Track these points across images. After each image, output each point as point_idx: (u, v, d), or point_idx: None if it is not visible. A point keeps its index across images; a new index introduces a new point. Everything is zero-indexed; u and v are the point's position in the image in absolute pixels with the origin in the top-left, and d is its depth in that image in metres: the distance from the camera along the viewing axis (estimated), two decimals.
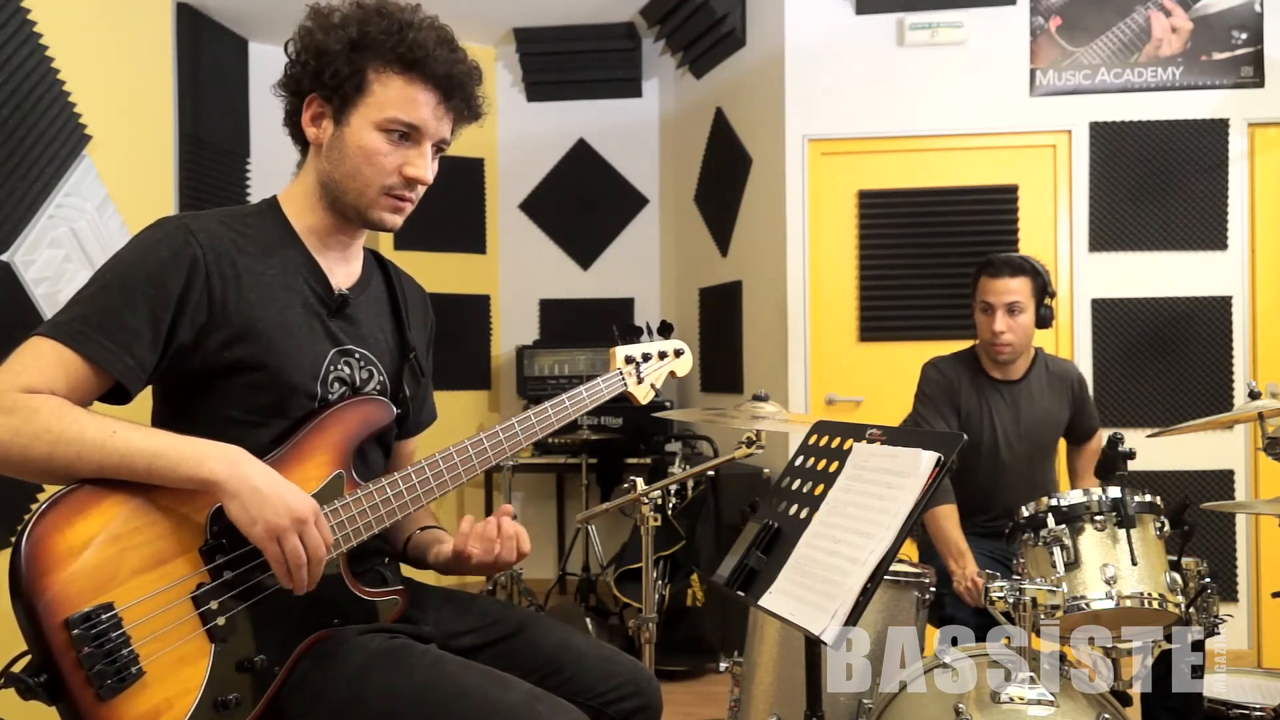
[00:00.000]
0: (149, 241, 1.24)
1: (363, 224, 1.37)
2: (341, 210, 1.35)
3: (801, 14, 3.75)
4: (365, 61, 1.30)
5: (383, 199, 1.33)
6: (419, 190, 1.36)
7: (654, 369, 1.73)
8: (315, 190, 1.37)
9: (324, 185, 1.35)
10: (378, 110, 1.30)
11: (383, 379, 1.42)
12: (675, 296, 4.77)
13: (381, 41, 1.29)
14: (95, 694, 1.06)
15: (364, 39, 1.29)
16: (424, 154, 1.34)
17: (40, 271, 2.75)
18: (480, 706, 1.18)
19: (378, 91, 1.30)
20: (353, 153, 1.31)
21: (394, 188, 1.33)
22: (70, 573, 1.07)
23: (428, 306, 1.60)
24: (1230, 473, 3.59)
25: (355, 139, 1.31)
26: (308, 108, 1.34)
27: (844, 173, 3.76)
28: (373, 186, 1.32)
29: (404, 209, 1.36)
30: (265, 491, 1.15)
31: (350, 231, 1.40)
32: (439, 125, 1.34)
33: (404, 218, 1.37)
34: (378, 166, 1.31)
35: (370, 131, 1.30)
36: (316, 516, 1.19)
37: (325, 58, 1.30)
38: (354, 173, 1.32)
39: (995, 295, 2.55)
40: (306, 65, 1.32)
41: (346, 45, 1.29)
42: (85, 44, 2.98)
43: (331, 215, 1.37)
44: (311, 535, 1.17)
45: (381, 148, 1.31)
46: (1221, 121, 3.59)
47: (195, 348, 1.24)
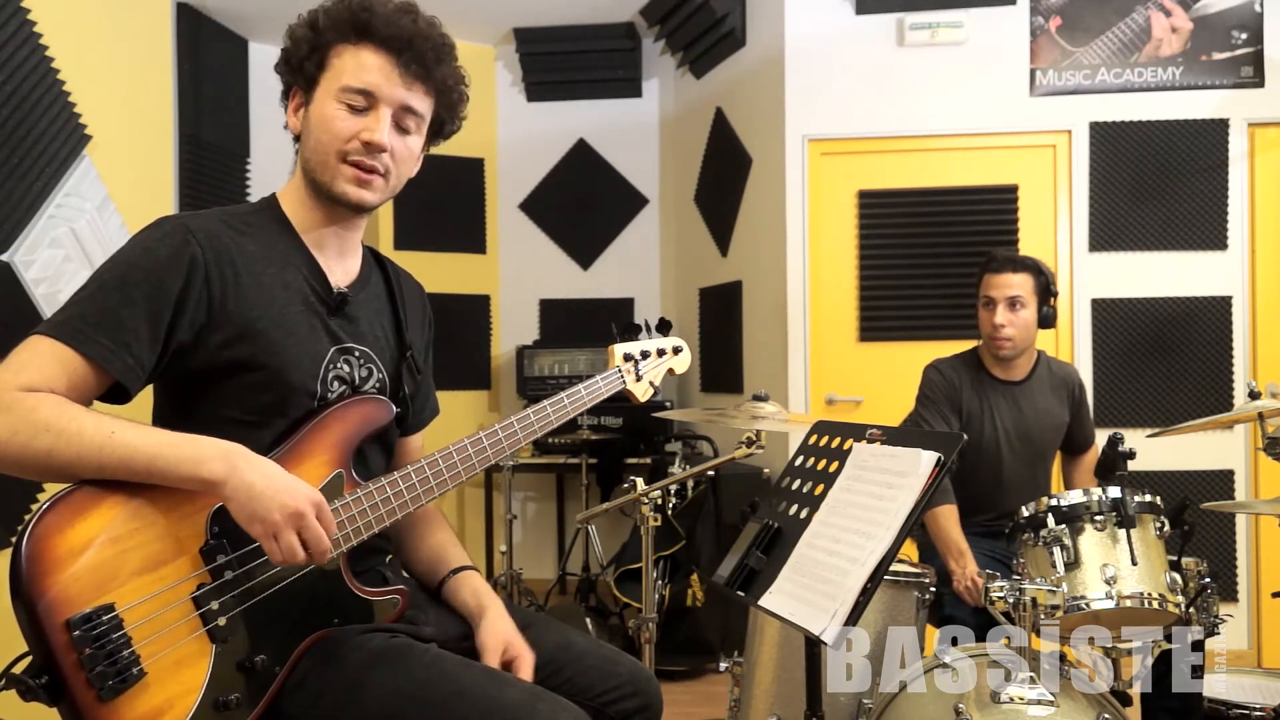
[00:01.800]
0: (148, 241, 1.24)
1: (332, 200, 1.34)
2: (316, 191, 1.35)
3: (801, 14, 3.75)
4: (324, 39, 1.32)
5: (342, 168, 1.32)
6: (386, 161, 1.33)
7: (653, 366, 1.73)
8: (302, 181, 1.37)
9: (304, 172, 1.36)
10: (334, 81, 1.32)
11: (382, 376, 1.42)
12: (675, 296, 4.77)
13: (337, 16, 1.31)
14: (96, 695, 1.06)
15: (325, 18, 1.32)
16: (380, 118, 1.32)
17: (40, 271, 2.75)
18: (480, 705, 1.18)
19: (334, 64, 1.32)
20: (314, 126, 1.32)
21: (351, 153, 1.31)
22: (71, 573, 1.07)
23: (425, 303, 1.60)
24: (1230, 473, 3.59)
25: (318, 113, 1.32)
26: (291, 100, 1.37)
27: (844, 173, 3.77)
28: (331, 154, 1.31)
29: (370, 181, 1.33)
30: (261, 489, 1.14)
31: (341, 222, 1.39)
32: (394, 89, 1.32)
33: (374, 192, 1.34)
34: (334, 132, 1.31)
35: (329, 103, 1.31)
36: (319, 508, 1.17)
37: (295, 45, 1.34)
38: (316, 145, 1.32)
39: (996, 290, 2.57)
40: (287, 60, 1.35)
41: (308, 27, 1.33)
42: (85, 44, 2.98)
43: (317, 203, 1.37)
44: (311, 529, 1.16)
45: (337, 114, 1.31)
46: (1221, 121, 3.59)
47: (195, 347, 1.24)
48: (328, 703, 1.22)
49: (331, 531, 1.19)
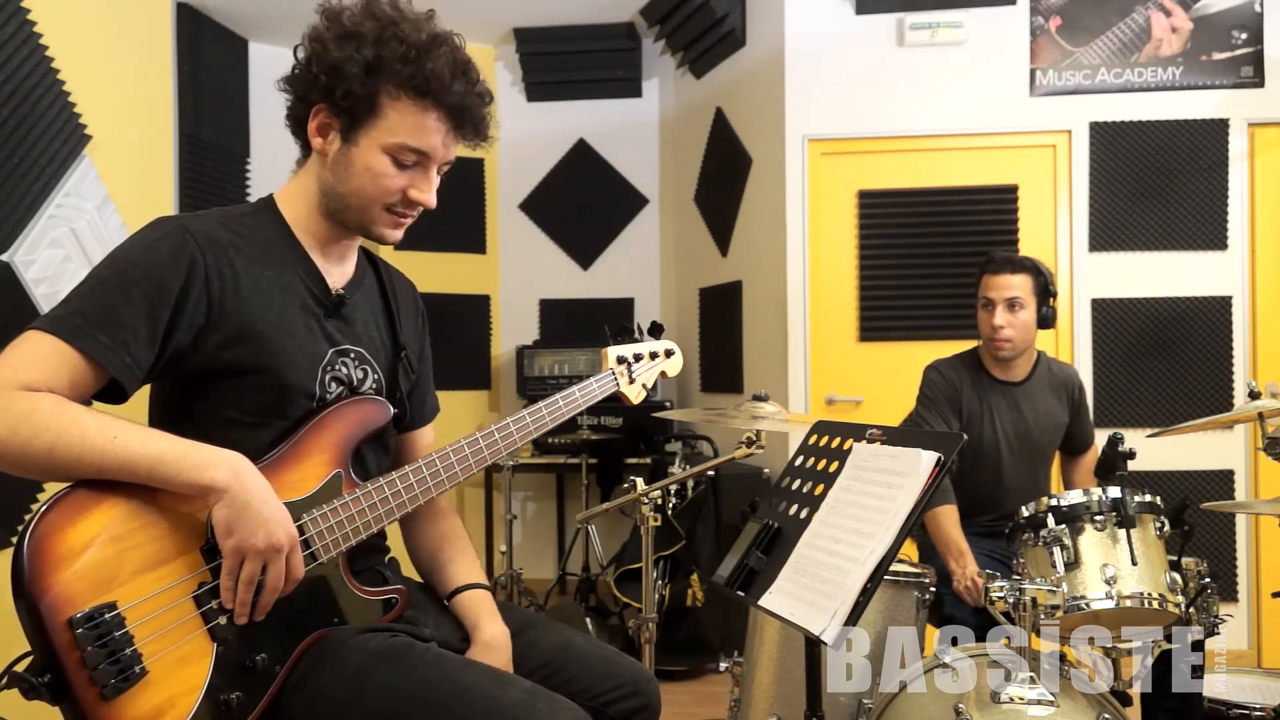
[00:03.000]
0: (148, 240, 1.24)
1: (363, 235, 1.39)
2: (342, 221, 1.36)
3: (801, 14, 3.75)
4: (379, 85, 1.27)
5: (384, 215, 1.34)
6: (419, 209, 1.37)
7: (645, 369, 1.74)
8: (315, 196, 1.37)
9: (325, 194, 1.35)
10: (387, 134, 1.29)
11: (378, 377, 1.43)
12: (675, 296, 4.77)
13: (398, 70, 1.27)
14: (99, 693, 1.06)
15: (380, 63, 1.26)
16: (430, 178, 1.34)
17: (40, 271, 2.76)
18: (480, 705, 1.18)
19: (390, 116, 1.29)
20: (359, 172, 1.31)
21: (395, 205, 1.34)
22: (73, 572, 1.07)
23: (418, 301, 1.60)
24: (1230, 473, 3.59)
25: (363, 159, 1.30)
26: (314, 116, 1.32)
27: (844, 173, 3.77)
28: (376, 205, 1.33)
29: (404, 224, 1.37)
30: (256, 509, 1.16)
31: (349, 237, 1.41)
32: (447, 152, 1.35)
33: (403, 231, 1.39)
34: (383, 188, 1.31)
35: (378, 154, 1.30)
36: (292, 547, 1.20)
37: (338, 75, 1.27)
38: (358, 191, 1.32)
39: (995, 290, 2.57)
40: (318, 79, 1.29)
41: (362, 68, 1.26)
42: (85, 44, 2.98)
43: (331, 223, 1.37)
44: (276, 568, 1.18)
45: (389, 170, 1.30)
46: (1221, 121, 3.59)
47: (193, 349, 1.24)
48: (328, 702, 1.22)
49: (295, 576, 1.21)
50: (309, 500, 1.27)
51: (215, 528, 1.15)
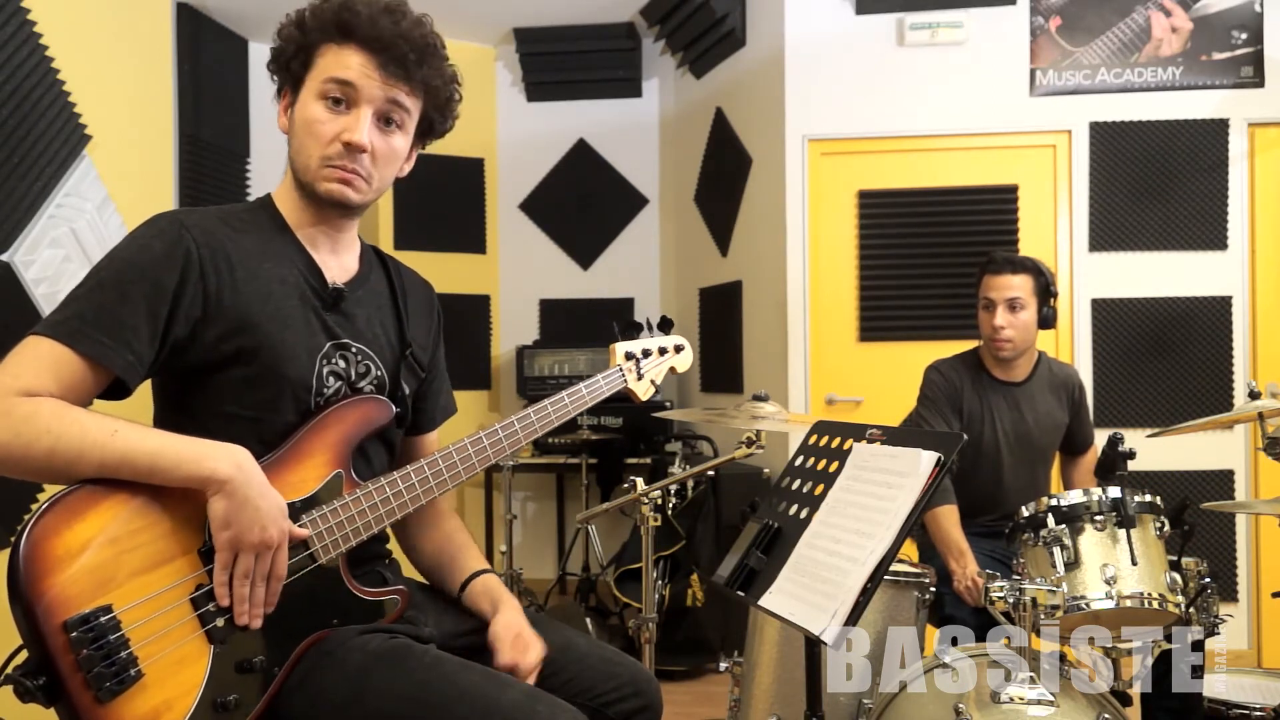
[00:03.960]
0: (143, 237, 1.24)
1: (318, 200, 1.34)
2: (302, 189, 1.35)
3: (801, 14, 3.75)
4: (311, 39, 1.32)
5: (325, 169, 1.32)
6: (366, 164, 1.33)
7: (654, 365, 1.72)
8: (290, 179, 1.38)
9: (292, 170, 1.36)
10: (317, 78, 1.32)
11: (380, 374, 1.42)
12: (675, 296, 4.77)
13: (323, 15, 1.32)
14: (94, 696, 1.05)
15: (308, 18, 1.33)
16: (359, 117, 1.31)
17: (40, 271, 2.75)
18: (479, 706, 1.18)
19: (319, 63, 1.32)
20: (300, 128, 1.33)
21: (333, 157, 1.31)
22: (69, 575, 1.06)
23: (434, 301, 1.59)
24: (1230, 473, 3.58)
25: (301, 114, 1.33)
26: (281, 100, 1.37)
27: (844, 173, 3.76)
28: (314, 157, 1.32)
29: (351, 180, 1.33)
30: (256, 503, 1.16)
31: (330, 220, 1.39)
32: (374, 88, 1.31)
33: (357, 192, 1.34)
34: (316, 135, 1.31)
35: (312, 102, 1.32)
36: (281, 543, 1.20)
37: (283, 44, 1.34)
38: (300, 147, 1.33)
39: (996, 291, 2.57)
40: (276, 59, 1.36)
41: (295, 27, 1.33)
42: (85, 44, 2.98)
43: (307, 202, 1.37)
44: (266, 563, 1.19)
45: (320, 115, 1.31)
46: (1221, 121, 3.59)
47: (191, 342, 1.24)
48: (327, 704, 1.21)
49: (280, 574, 1.21)
50: (309, 500, 1.27)
51: (212, 520, 1.15)
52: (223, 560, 1.16)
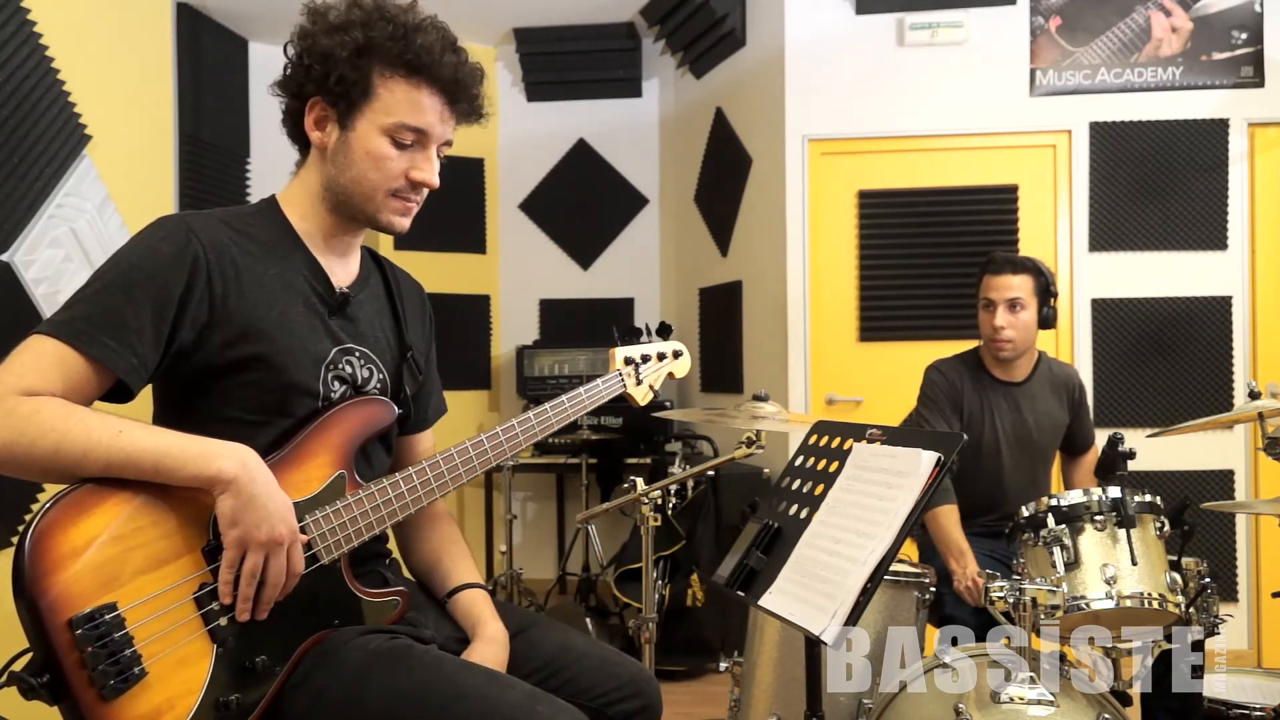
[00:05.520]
0: (151, 240, 1.24)
1: (371, 226, 1.37)
2: (349, 213, 1.36)
3: (801, 14, 3.75)
4: (371, 66, 1.29)
5: (390, 201, 1.34)
6: (424, 192, 1.37)
7: (653, 370, 1.73)
8: (318, 193, 1.37)
9: (328, 188, 1.35)
10: (384, 115, 1.30)
11: (383, 377, 1.42)
12: (675, 296, 4.77)
13: (388, 47, 1.28)
14: (98, 694, 1.06)
15: (370, 44, 1.28)
16: (430, 158, 1.35)
17: (40, 271, 2.76)
18: (480, 707, 1.18)
19: (384, 96, 1.30)
20: (359, 158, 1.31)
21: (400, 191, 1.34)
22: (73, 572, 1.07)
23: (425, 302, 1.60)
24: (1230, 473, 3.59)
25: (362, 144, 1.31)
26: (310, 111, 1.33)
27: (844, 173, 3.77)
28: (380, 190, 1.33)
29: (411, 210, 1.37)
30: (262, 501, 1.16)
31: (353, 232, 1.41)
32: (444, 129, 1.35)
33: (410, 219, 1.38)
34: (385, 171, 1.32)
35: (377, 136, 1.31)
36: (293, 541, 1.20)
37: (330, 62, 1.29)
38: (361, 178, 1.32)
39: (996, 291, 2.57)
40: (310, 70, 1.30)
41: (352, 50, 1.28)
42: (85, 44, 2.98)
43: (335, 217, 1.37)
44: (278, 561, 1.19)
45: (389, 152, 1.31)
46: (1221, 121, 3.59)
47: (196, 347, 1.24)
48: (328, 703, 1.22)
49: (296, 571, 1.21)
50: (312, 501, 1.27)
51: (219, 519, 1.15)
52: (229, 559, 1.17)
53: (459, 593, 1.47)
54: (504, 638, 1.41)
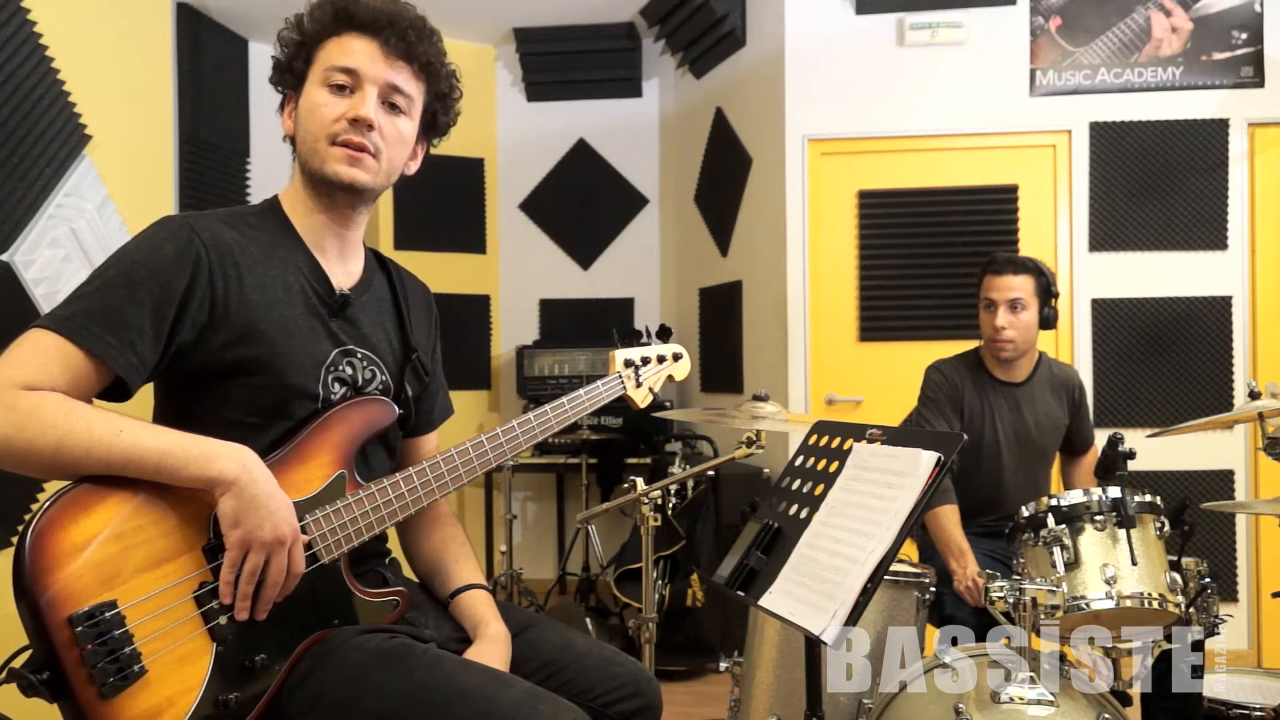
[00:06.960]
0: (154, 239, 1.24)
1: (327, 185, 1.34)
2: (313, 184, 1.36)
3: (801, 14, 3.75)
4: (311, 37, 1.35)
5: (333, 150, 1.32)
6: (375, 140, 1.33)
7: (652, 373, 1.73)
8: (301, 182, 1.38)
9: (300, 166, 1.37)
10: (320, 69, 1.34)
11: (385, 379, 1.42)
12: (675, 296, 4.77)
13: (320, 13, 1.34)
14: (97, 692, 1.06)
15: (306, 18, 1.35)
16: (365, 96, 1.32)
17: (40, 271, 2.76)
18: (480, 706, 1.18)
19: (320, 57, 1.34)
20: (303, 116, 1.34)
21: (339, 134, 1.32)
22: (74, 570, 1.07)
23: (431, 303, 1.60)
24: (1230, 473, 3.59)
25: (305, 103, 1.34)
26: (286, 105, 1.39)
27: (844, 173, 3.77)
28: (321, 140, 1.32)
29: (360, 159, 1.33)
30: (263, 501, 1.16)
31: (341, 220, 1.39)
32: (377, 67, 1.33)
33: (367, 172, 1.33)
34: (321, 117, 1.32)
35: (315, 90, 1.33)
36: (294, 541, 1.20)
37: (284, 49, 1.37)
38: (305, 133, 1.34)
39: (997, 291, 2.57)
40: (276, 65, 1.39)
41: (294, 30, 1.36)
42: (85, 44, 2.98)
43: (316, 202, 1.37)
44: (279, 561, 1.19)
45: (325, 99, 1.32)
46: (1221, 121, 3.59)
47: (196, 347, 1.24)
48: (327, 703, 1.21)
49: (297, 572, 1.21)
50: (313, 500, 1.27)
51: (221, 519, 1.15)
52: (231, 559, 1.16)
53: (461, 593, 1.47)
54: (506, 637, 1.41)
